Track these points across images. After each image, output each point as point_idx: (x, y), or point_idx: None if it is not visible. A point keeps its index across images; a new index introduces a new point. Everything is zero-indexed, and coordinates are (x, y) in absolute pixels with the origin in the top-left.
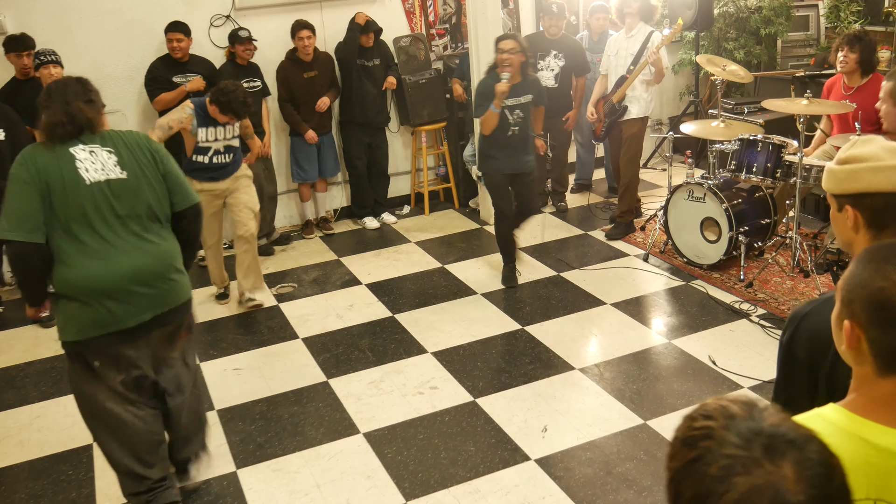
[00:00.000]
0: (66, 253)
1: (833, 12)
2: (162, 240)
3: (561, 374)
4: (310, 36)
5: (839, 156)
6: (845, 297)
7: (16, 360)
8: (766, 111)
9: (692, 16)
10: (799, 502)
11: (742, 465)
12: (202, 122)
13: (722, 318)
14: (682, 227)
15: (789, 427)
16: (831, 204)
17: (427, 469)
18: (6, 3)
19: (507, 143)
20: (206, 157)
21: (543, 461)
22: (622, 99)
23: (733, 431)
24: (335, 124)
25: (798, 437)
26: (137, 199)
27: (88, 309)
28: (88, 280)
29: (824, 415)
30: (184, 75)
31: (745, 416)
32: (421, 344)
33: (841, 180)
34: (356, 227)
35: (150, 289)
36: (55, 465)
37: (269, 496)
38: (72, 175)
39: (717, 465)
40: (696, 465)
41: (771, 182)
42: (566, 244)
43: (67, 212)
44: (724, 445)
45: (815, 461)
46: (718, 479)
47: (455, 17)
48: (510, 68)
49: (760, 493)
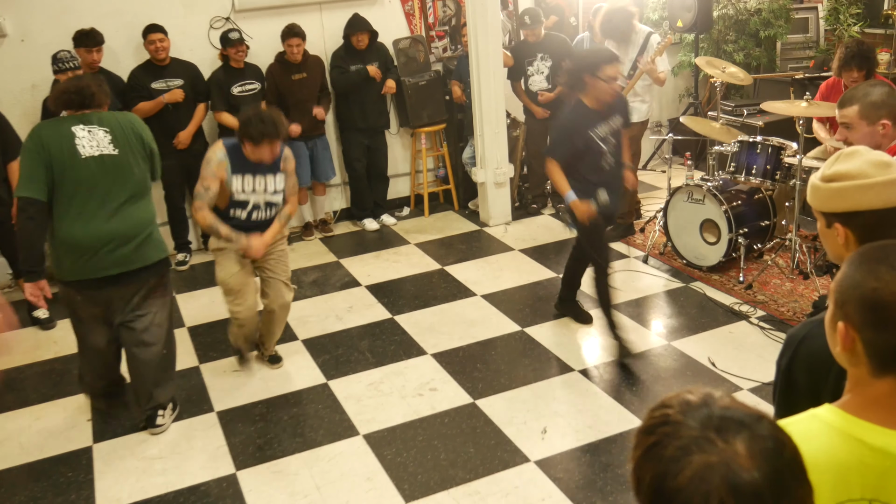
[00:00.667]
0: (59, 212)
1: (832, 15)
2: (140, 210)
3: (560, 375)
4: (299, 44)
5: (823, 172)
6: (839, 299)
7: (16, 362)
8: (766, 113)
9: (692, 18)
10: (752, 478)
11: (696, 445)
12: (237, 167)
13: (721, 319)
14: (681, 228)
15: (739, 408)
16: (818, 220)
17: (427, 471)
18: (6, 5)
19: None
20: (243, 213)
21: (543, 463)
22: None
23: (689, 416)
24: (334, 128)
25: (748, 416)
26: (125, 173)
27: (70, 259)
28: (71, 238)
29: (820, 415)
30: (164, 80)
31: (700, 403)
32: (420, 345)
33: (827, 198)
34: (356, 228)
35: (121, 250)
36: (55, 467)
37: (268, 498)
38: (70, 149)
39: (673, 445)
40: (655, 450)
41: (770, 184)
42: (566, 245)
43: (64, 179)
44: (680, 429)
45: (766, 437)
46: (674, 459)
47: (454, 18)
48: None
49: (714, 469)
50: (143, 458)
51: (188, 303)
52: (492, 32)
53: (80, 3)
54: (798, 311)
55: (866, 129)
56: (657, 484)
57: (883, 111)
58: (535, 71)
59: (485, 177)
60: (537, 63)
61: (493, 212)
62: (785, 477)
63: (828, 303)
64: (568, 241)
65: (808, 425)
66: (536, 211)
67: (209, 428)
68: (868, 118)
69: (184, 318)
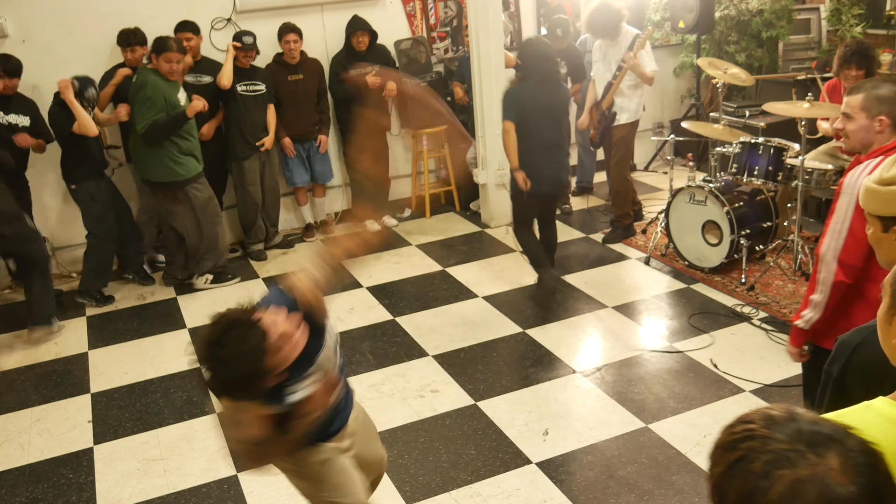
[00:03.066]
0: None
1: (835, 15)
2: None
3: (562, 377)
4: (296, 40)
5: (881, 175)
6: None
7: (16, 363)
8: (768, 114)
9: (693, 19)
10: (849, 493)
11: (786, 460)
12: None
13: (723, 321)
14: (683, 230)
15: (827, 423)
16: (873, 224)
17: (428, 472)
18: (7, 6)
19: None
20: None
21: (545, 464)
22: (611, 105)
23: (776, 431)
24: (334, 130)
25: (837, 431)
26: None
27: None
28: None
29: (874, 406)
30: (195, 76)
31: (784, 417)
32: (422, 347)
33: (886, 202)
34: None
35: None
36: (55, 468)
37: (269, 499)
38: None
39: (761, 461)
40: (740, 465)
41: (772, 185)
42: (567, 247)
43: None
44: (767, 443)
45: (858, 451)
46: (763, 475)
47: (456, 19)
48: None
49: (807, 485)
50: (143, 460)
51: (188, 304)
52: (493, 33)
53: (81, 4)
54: None
55: (864, 121)
56: (745, 501)
57: (884, 107)
58: None
59: (486, 178)
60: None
61: (495, 213)
62: (881, 490)
63: (881, 296)
64: (569, 241)
65: (861, 415)
66: None
67: (210, 429)
68: (868, 110)
69: (184, 320)
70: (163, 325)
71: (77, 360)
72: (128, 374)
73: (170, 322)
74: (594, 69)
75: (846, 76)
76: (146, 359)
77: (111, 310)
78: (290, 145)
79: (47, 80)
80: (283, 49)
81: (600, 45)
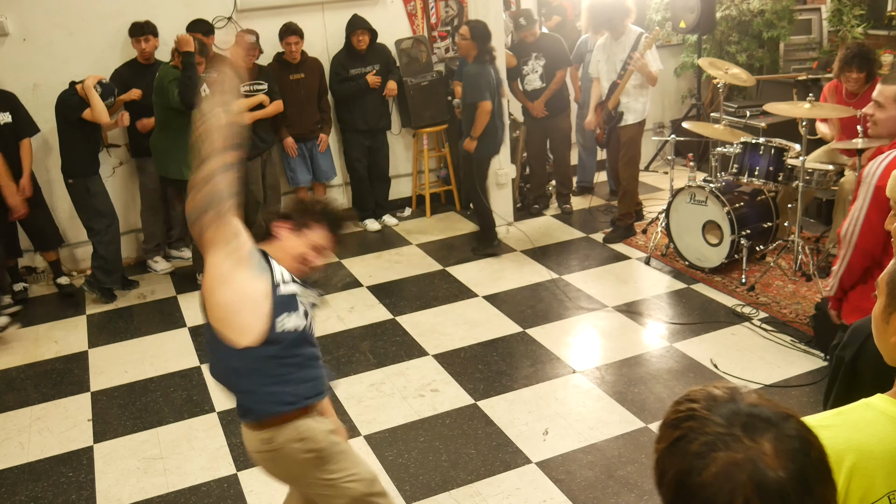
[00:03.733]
0: None
1: (836, 16)
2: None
3: (562, 376)
4: (297, 42)
5: None
6: (893, 291)
7: (16, 362)
8: (769, 114)
9: (695, 19)
10: (778, 478)
11: (722, 442)
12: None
13: (724, 321)
14: (683, 230)
15: (767, 406)
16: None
17: (428, 472)
18: (8, 5)
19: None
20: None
21: (544, 464)
22: (617, 105)
23: (715, 412)
24: (335, 129)
25: (775, 414)
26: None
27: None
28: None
29: (873, 404)
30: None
31: (726, 398)
32: (422, 346)
33: None
34: (357, 229)
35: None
36: (55, 466)
37: (269, 498)
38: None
39: (699, 441)
40: (680, 444)
41: (773, 185)
42: (568, 247)
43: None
44: (706, 425)
45: (793, 437)
46: (699, 455)
47: (457, 19)
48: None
49: (739, 467)
50: (143, 459)
51: (189, 303)
52: (494, 33)
53: (81, 3)
54: (801, 312)
55: (894, 112)
56: (681, 479)
57: None
58: (531, 70)
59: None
60: (532, 62)
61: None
62: (811, 477)
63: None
64: (569, 241)
65: (861, 414)
66: (538, 212)
67: (210, 428)
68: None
69: (185, 318)
70: (163, 323)
71: (77, 358)
72: (128, 373)
73: (170, 321)
74: (595, 68)
75: (847, 79)
76: (146, 357)
77: (111, 308)
78: (292, 145)
79: (47, 79)
80: (285, 50)
81: (603, 45)
